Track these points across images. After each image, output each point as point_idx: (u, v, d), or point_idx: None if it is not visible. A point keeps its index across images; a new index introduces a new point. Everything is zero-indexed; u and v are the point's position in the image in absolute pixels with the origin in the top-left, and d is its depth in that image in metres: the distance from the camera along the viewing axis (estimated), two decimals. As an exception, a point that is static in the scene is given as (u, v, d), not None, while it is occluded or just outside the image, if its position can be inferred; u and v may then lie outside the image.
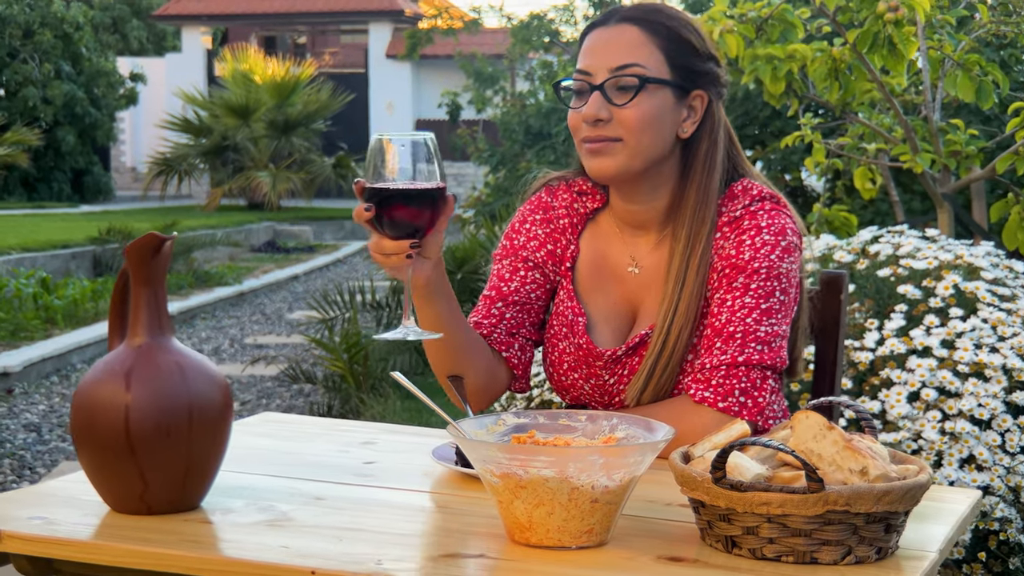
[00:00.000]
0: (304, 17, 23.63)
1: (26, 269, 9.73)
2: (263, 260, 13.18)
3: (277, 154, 18.13)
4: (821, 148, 4.70)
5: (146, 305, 1.59)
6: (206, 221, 14.69)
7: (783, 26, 4.30)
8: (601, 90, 1.90)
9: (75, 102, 20.65)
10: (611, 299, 2.01)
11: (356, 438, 1.99)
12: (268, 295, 10.81)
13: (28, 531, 1.49)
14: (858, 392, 3.30)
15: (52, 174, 20.77)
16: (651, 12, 1.94)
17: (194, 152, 18.39)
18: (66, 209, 17.53)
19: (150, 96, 23.27)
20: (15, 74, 20.13)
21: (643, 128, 1.89)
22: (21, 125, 18.74)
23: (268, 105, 18.07)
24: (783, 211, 1.95)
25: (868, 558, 1.41)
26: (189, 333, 8.78)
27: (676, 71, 1.92)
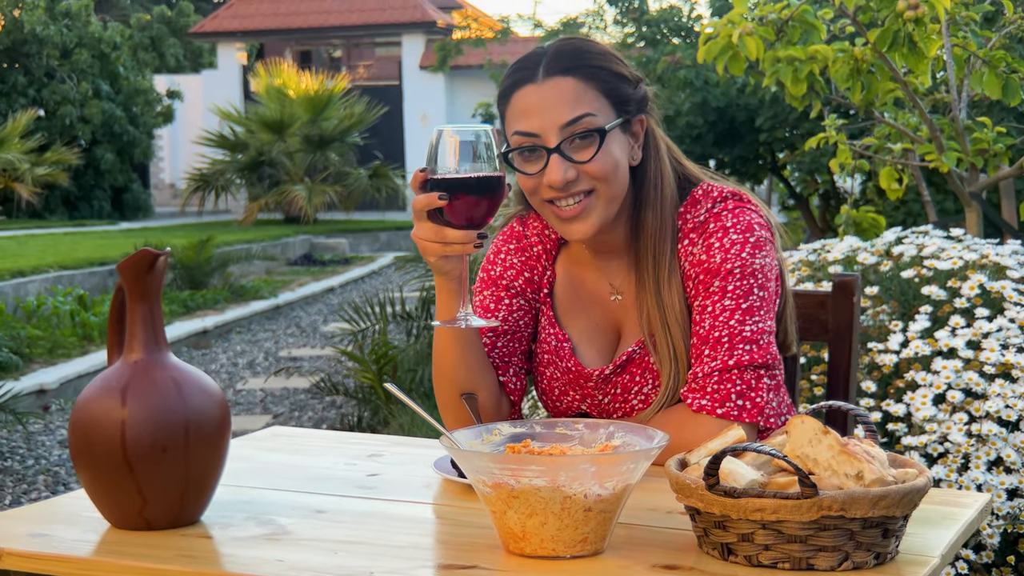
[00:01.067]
0: (338, 31, 23.75)
1: (64, 287, 9.82)
2: (299, 273, 13.24)
3: (312, 168, 18.22)
4: (845, 149, 4.66)
5: (142, 321, 1.59)
6: (243, 236, 14.78)
7: (803, 27, 4.27)
8: (559, 152, 1.86)
9: (113, 120, 20.85)
10: (593, 320, 2.01)
11: (363, 451, 1.99)
12: (304, 308, 10.85)
13: (27, 548, 1.49)
14: (883, 395, 3.27)
15: (92, 192, 20.98)
16: (578, 57, 1.89)
17: (231, 168, 18.51)
18: (105, 227, 17.69)
19: (187, 113, 23.45)
20: (53, 94, 20.36)
21: (610, 175, 1.88)
22: (60, 144, 18.95)
23: (303, 119, 18.16)
24: (747, 207, 1.94)
25: (866, 564, 1.39)
26: (225, 347, 8.83)
27: (618, 108, 1.90)
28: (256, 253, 12.83)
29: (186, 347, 8.76)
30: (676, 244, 1.94)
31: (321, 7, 23.85)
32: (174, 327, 9.09)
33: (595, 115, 1.87)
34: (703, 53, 4.22)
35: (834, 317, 2.28)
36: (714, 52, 4.21)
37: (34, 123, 18.83)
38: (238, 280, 11.67)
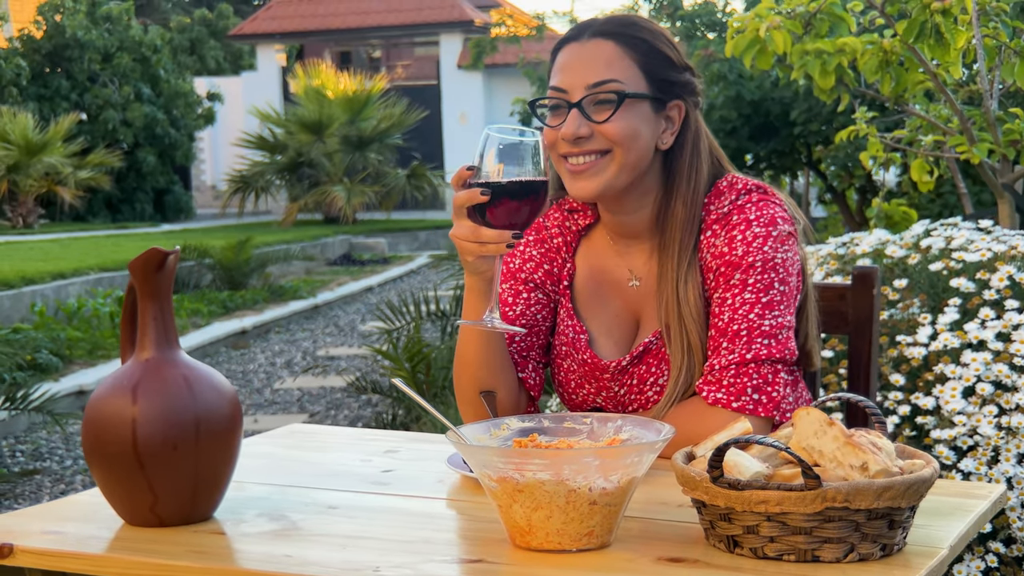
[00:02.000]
0: (376, 31, 23.82)
1: (104, 288, 9.91)
2: (338, 273, 13.31)
3: (351, 168, 18.29)
4: (876, 142, 4.63)
5: (153, 319, 1.61)
6: (282, 236, 14.87)
7: (832, 20, 4.25)
8: (579, 107, 1.89)
9: (155, 123, 21.02)
10: (612, 311, 2.01)
11: (380, 447, 2.00)
12: (342, 307, 10.90)
13: (39, 545, 1.51)
14: (912, 388, 3.25)
15: (134, 195, 21.17)
16: (626, 26, 1.93)
17: (270, 169, 18.62)
18: (147, 229, 17.85)
19: (228, 115, 23.61)
20: (96, 98, 20.55)
21: (628, 141, 1.89)
22: (103, 148, 19.13)
23: (341, 120, 18.24)
24: (771, 201, 1.94)
25: (872, 555, 1.39)
26: (263, 347, 8.88)
27: (653, 84, 1.91)
28: (295, 253, 12.90)
29: (224, 347, 8.82)
30: (699, 236, 1.93)
31: (359, 8, 23.94)
32: (212, 327, 9.16)
33: (623, 83, 1.89)
34: (731, 47, 4.21)
35: (854, 309, 2.27)
36: (742, 46, 4.20)
37: (76, 127, 19.02)
38: (277, 280, 11.74)
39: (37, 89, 20.29)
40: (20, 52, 20.29)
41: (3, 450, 5.87)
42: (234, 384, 7.54)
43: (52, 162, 17.48)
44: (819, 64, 4.19)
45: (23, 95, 19.67)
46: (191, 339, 8.65)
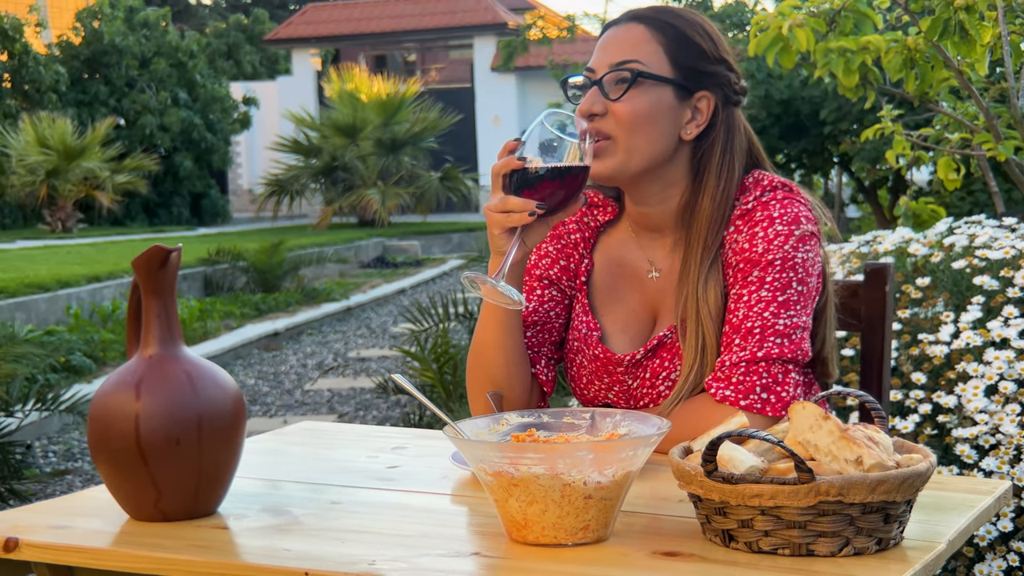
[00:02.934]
0: (411, 35, 23.90)
1: (139, 292, 9.96)
2: (371, 275, 13.36)
3: (385, 171, 18.36)
4: (901, 139, 4.60)
5: (156, 316, 1.63)
6: (316, 239, 14.94)
7: (856, 17, 4.23)
8: (599, 85, 1.90)
9: (191, 128, 21.18)
10: (629, 306, 2.00)
11: (388, 444, 2.01)
12: (374, 309, 10.94)
13: (44, 539, 1.53)
14: (933, 387, 3.23)
15: (171, 199, 21.34)
16: (661, 12, 1.94)
17: (305, 172, 18.72)
18: (184, 232, 17.99)
19: (264, 119, 23.75)
20: (133, 103, 20.73)
21: (635, 124, 1.88)
22: (140, 152, 19.30)
23: (375, 123, 18.31)
24: (796, 199, 1.92)
25: (867, 549, 1.38)
26: (295, 349, 8.93)
27: (678, 70, 1.90)
28: (328, 256, 12.97)
29: (257, 349, 8.88)
30: (724, 232, 1.93)
31: (394, 11, 24.02)
32: (245, 329, 9.22)
33: (644, 64, 1.89)
34: (754, 46, 4.19)
35: (867, 306, 2.26)
36: (764, 44, 4.18)
37: (114, 132, 19.19)
38: (311, 283, 11.80)
39: (76, 95, 20.50)
40: (59, 58, 20.50)
41: (36, 451, 5.94)
42: (265, 385, 7.60)
43: (90, 167, 17.65)
44: (843, 62, 4.17)
45: (62, 101, 19.87)
46: (223, 341, 8.71)
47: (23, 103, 19.29)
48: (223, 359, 8.36)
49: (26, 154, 17.27)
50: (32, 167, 17.25)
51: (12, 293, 8.81)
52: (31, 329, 6.95)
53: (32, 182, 17.33)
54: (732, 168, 1.93)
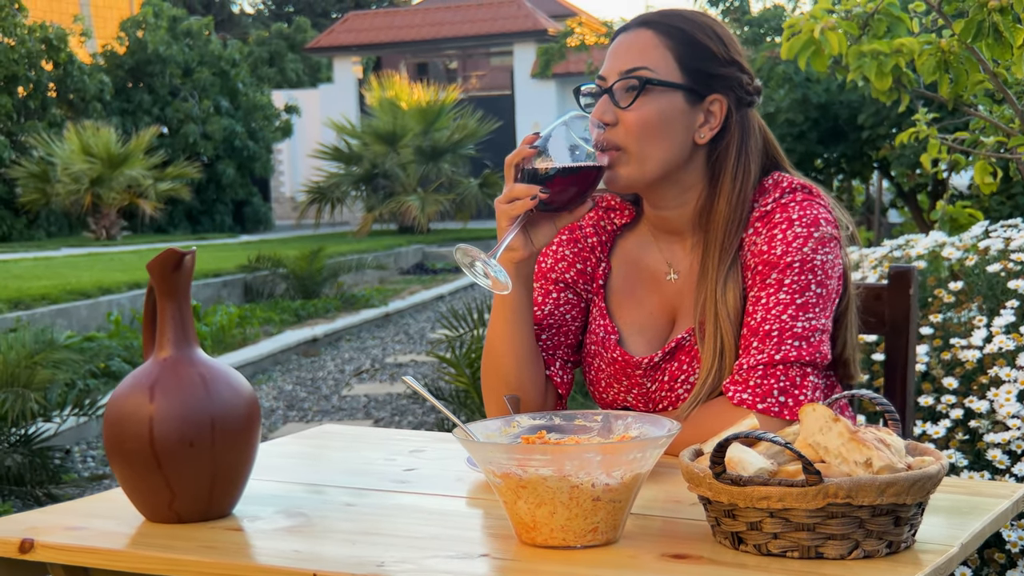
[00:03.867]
0: (452, 42, 23.97)
1: (179, 298, 10.05)
2: (411, 282, 13.40)
3: (425, 178, 18.42)
4: (936, 143, 4.56)
5: (171, 319, 1.64)
6: (357, 246, 15.00)
7: (889, 20, 4.20)
8: (610, 93, 1.89)
9: (234, 136, 21.34)
10: (647, 309, 2.00)
11: (406, 447, 2.01)
12: (413, 316, 10.97)
13: (59, 540, 1.54)
14: (965, 392, 3.20)
15: (214, 207, 21.50)
16: (669, 16, 1.92)
17: (346, 180, 18.81)
18: (226, 240, 18.11)
19: (306, 127, 23.89)
20: (176, 112, 20.91)
21: (646, 132, 1.87)
22: (183, 160, 19.46)
23: (415, 131, 18.38)
24: (816, 201, 1.91)
25: (878, 552, 1.37)
26: (333, 355, 8.97)
27: (688, 75, 1.89)
28: (368, 263, 13.01)
29: (295, 355, 8.92)
30: (742, 234, 1.92)
31: (434, 19, 24.10)
32: (284, 336, 9.27)
33: (652, 70, 1.88)
34: (786, 49, 4.17)
35: (891, 309, 2.24)
36: (796, 48, 4.16)
37: (157, 140, 19.36)
38: (350, 289, 11.85)
39: (120, 104, 20.70)
40: (103, 68, 20.71)
41: (75, 455, 5.99)
42: (302, 391, 7.63)
43: (134, 175, 17.80)
44: (875, 65, 4.14)
45: (106, 110, 20.08)
46: (262, 347, 8.76)
47: (68, 112, 19.50)
48: (262, 365, 8.40)
49: (71, 163, 17.45)
50: (77, 175, 17.43)
51: (54, 300, 8.91)
52: (70, 335, 7.02)
53: (77, 190, 17.52)
54: (748, 169, 1.92)
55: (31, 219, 18.61)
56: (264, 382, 7.99)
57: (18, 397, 5.04)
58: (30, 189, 17.73)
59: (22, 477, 5.23)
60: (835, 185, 8.90)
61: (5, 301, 8.56)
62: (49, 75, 19.12)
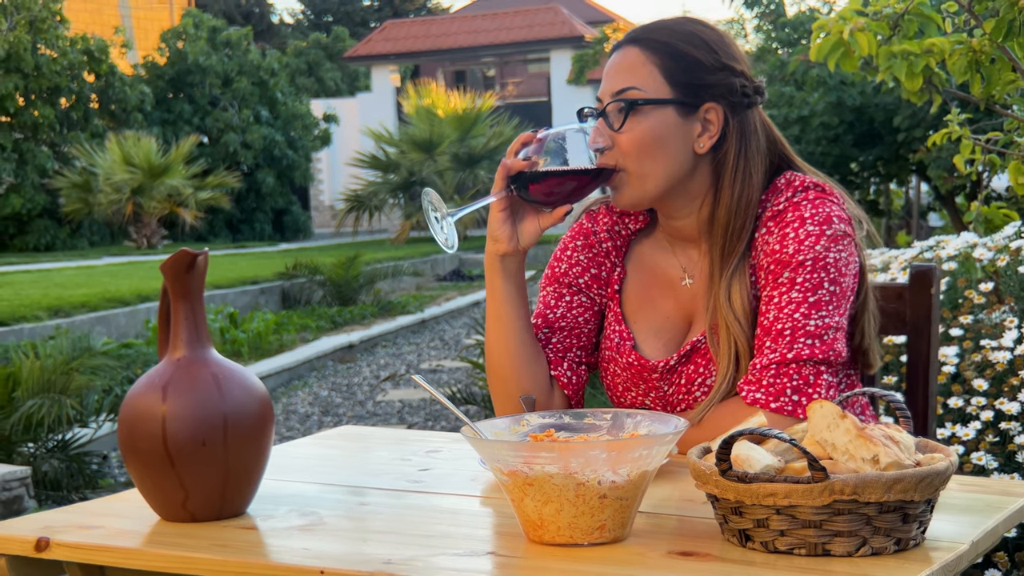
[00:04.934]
0: (489, 49, 24.03)
1: (216, 305, 10.14)
2: (447, 288, 13.43)
3: (462, 185, 18.48)
4: (969, 144, 4.52)
5: (184, 319, 1.65)
6: (394, 253, 15.05)
7: (920, 20, 4.17)
8: (604, 116, 1.89)
9: (273, 145, 21.48)
10: (663, 312, 1.99)
11: (423, 447, 2.02)
12: (449, 322, 11.00)
13: (73, 539, 1.56)
14: (996, 394, 3.17)
15: (254, 215, 21.64)
16: (654, 30, 1.91)
17: (384, 188, 18.90)
18: (265, 248, 18.23)
19: (344, 135, 24.02)
20: (216, 121, 21.07)
21: (642, 152, 1.87)
22: (223, 169, 19.61)
23: (451, 138, 18.44)
24: (828, 199, 1.89)
25: (886, 549, 1.36)
26: (369, 360, 9.00)
27: (677, 88, 1.88)
28: (404, 269, 13.06)
29: (331, 361, 8.96)
30: (753, 234, 1.91)
31: (471, 27, 24.17)
32: (320, 342, 9.31)
33: (640, 89, 1.88)
34: (815, 51, 4.15)
35: (912, 309, 2.22)
36: (825, 49, 4.14)
37: (198, 150, 19.52)
38: (387, 296, 11.90)
39: (160, 114, 20.89)
40: (144, 78, 20.91)
41: (112, 461, 6.04)
42: (337, 396, 7.66)
43: (174, 184, 17.97)
44: (905, 66, 4.11)
45: (147, 120, 20.26)
46: (298, 353, 8.81)
47: (109, 123, 19.70)
48: (298, 371, 8.45)
49: (112, 172, 17.63)
50: (118, 185, 17.60)
51: (94, 307, 8.99)
52: (107, 342, 7.08)
53: (118, 200, 17.69)
54: (749, 174, 1.91)
55: (74, 228, 18.82)
56: (300, 388, 8.03)
57: (54, 403, 5.09)
58: (73, 199, 17.93)
59: (59, 482, 5.28)
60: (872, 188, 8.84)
61: (45, 309, 8.65)
62: (91, 86, 19.32)
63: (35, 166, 18.14)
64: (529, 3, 25.68)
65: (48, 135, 18.65)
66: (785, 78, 7.86)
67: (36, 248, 18.00)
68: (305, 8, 39.27)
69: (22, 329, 8.12)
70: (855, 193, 8.63)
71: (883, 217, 10.04)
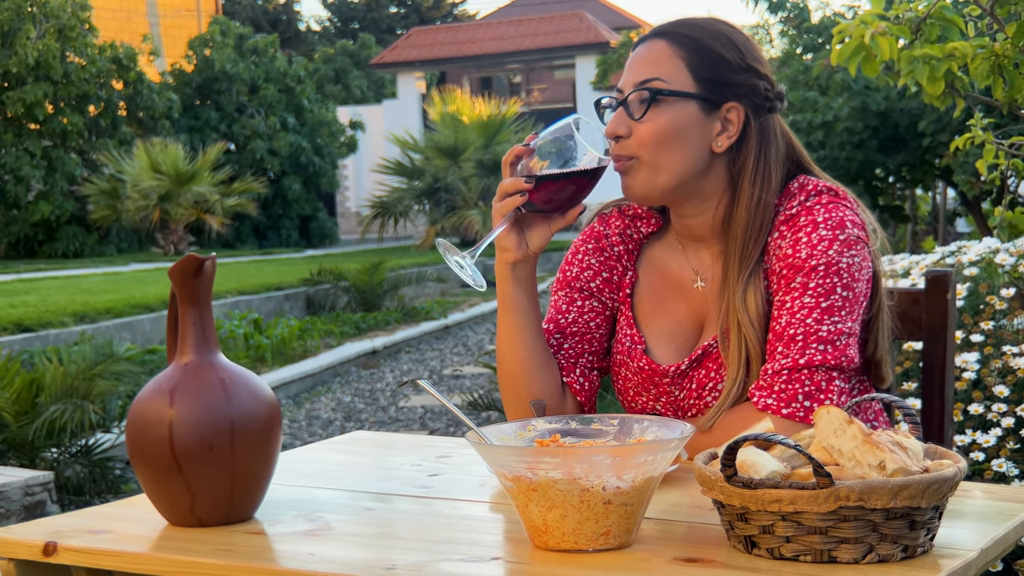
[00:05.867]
0: (513, 56, 24.05)
1: (241, 311, 10.18)
2: (471, 294, 13.44)
3: (487, 192, 18.49)
4: (992, 149, 4.49)
5: (192, 324, 1.65)
6: (418, 259, 15.08)
7: (942, 24, 4.14)
8: (624, 105, 1.88)
9: (299, 152, 21.55)
10: (675, 317, 1.98)
11: (434, 453, 2.01)
12: (472, 328, 11.01)
13: (81, 544, 1.56)
14: (1017, 400, 3.14)
15: (280, 222, 21.71)
16: (682, 25, 1.91)
17: (409, 194, 18.94)
18: (291, 254, 18.29)
19: (370, 142, 24.08)
20: (243, 128, 21.16)
21: (658, 143, 1.86)
22: (249, 176, 19.69)
23: (476, 145, 18.47)
24: (842, 203, 1.88)
25: (892, 556, 1.35)
26: (392, 366, 9.01)
27: (702, 84, 1.87)
28: (429, 275, 13.08)
29: (355, 367, 8.97)
30: (767, 240, 1.90)
31: (496, 33, 24.20)
32: (344, 348, 9.33)
33: (665, 81, 1.87)
34: (836, 55, 4.13)
35: (928, 314, 2.20)
36: (846, 54, 4.11)
37: (225, 157, 19.61)
38: (411, 302, 11.92)
39: (188, 121, 20.99)
40: (172, 86, 21.02)
41: (135, 467, 6.05)
42: (360, 402, 7.68)
43: (201, 191, 18.05)
44: (927, 70, 4.09)
45: (175, 127, 20.37)
46: (322, 359, 8.83)
47: (137, 130, 19.82)
48: (321, 377, 8.47)
49: (140, 179, 17.73)
50: (145, 192, 17.70)
51: (118, 313, 9.04)
52: (130, 347, 7.12)
53: (145, 206, 17.79)
54: (768, 177, 1.90)
55: (102, 235, 18.93)
56: (323, 393, 8.05)
57: (76, 408, 5.12)
58: (101, 206, 18.05)
59: (81, 487, 5.30)
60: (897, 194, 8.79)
61: (71, 315, 8.71)
62: (119, 94, 19.45)
63: (64, 173, 18.27)
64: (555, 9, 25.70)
65: (77, 142, 18.78)
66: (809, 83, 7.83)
67: (65, 255, 18.12)
68: (332, 15, 39.42)
69: (48, 335, 8.17)
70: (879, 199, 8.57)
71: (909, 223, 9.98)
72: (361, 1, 39.16)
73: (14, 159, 17.87)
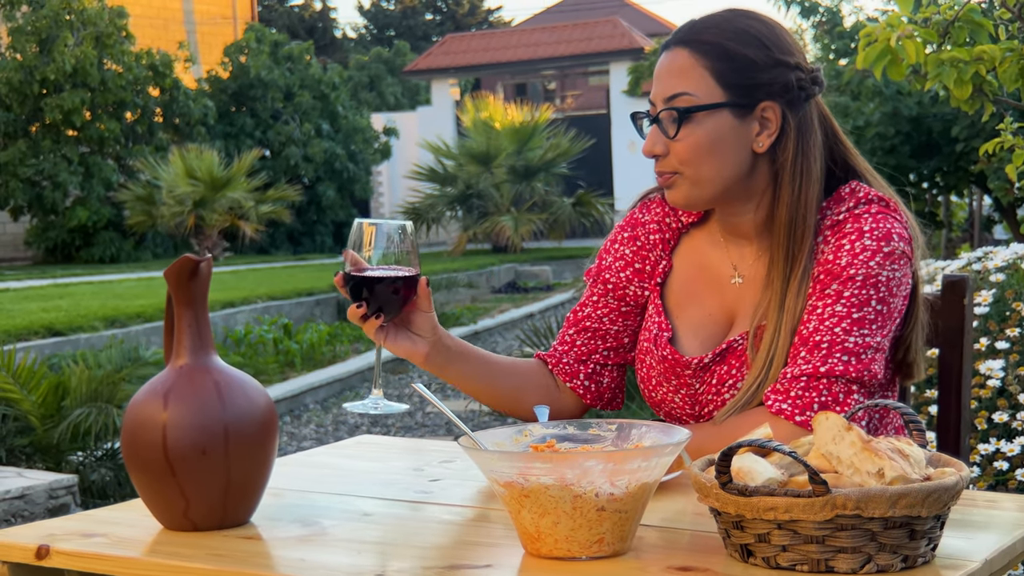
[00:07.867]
0: (548, 62, 24.03)
1: (271, 316, 10.20)
2: (501, 300, 13.42)
3: (519, 198, 18.49)
4: (1022, 153, 4.42)
5: (188, 327, 1.64)
6: (450, 265, 15.08)
7: (970, 27, 4.09)
8: (657, 122, 1.84)
9: (334, 158, 21.61)
10: (706, 309, 1.94)
11: (436, 458, 1.99)
12: (502, 333, 10.99)
13: (74, 547, 1.55)
14: (1041, 407, 3.09)
15: (314, 228, 21.77)
16: (702, 30, 1.85)
17: (441, 200, 18.96)
18: (324, 260, 18.33)
19: (404, 149, 24.11)
20: (278, 135, 21.24)
21: (699, 157, 1.82)
22: (284, 183, 19.76)
23: (508, 151, 18.46)
24: (891, 215, 1.83)
25: (892, 567, 1.31)
26: (420, 372, 9.00)
27: (731, 91, 1.82)
28: (460, 281, 13.08)
29: (384, 372, 8.97)
30: (812, 242, 1.85)
31: (531, 40, 24.19)
32: (373, 353, 9.31)
33: (692, 94, 1.82)
34: (862, 59, 4.08)
35: (945, 320, 2.16)
36: (872, 57, 4.06)
37: (260, 163, 19.68)
38: (441, 308, 11.90)
39: (223, 127, 21.09)
40: (207, 92, 21.13)
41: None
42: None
43: (236, 197, 18.12)
44: (955, 73, 4.03)
45: (210, 133, 20.47)
46: (350, 364, 8.83)
47: (173, 136, 19.93)
48: (349, 382, 8.46)
49: (175, 185, 17.83)
50: (181, 198, 17.80)
51: (148, 318, 9.08)
52: (157, 351, 7.14)
53: (180, 212, 17.88)
54: (808, 170, 1.84)
55: (138, 241, 19.05)
56: (351, 399, 8.05)
57: (101, 412, 5.13)
58: (137, 211, 18.16)
59: (106, 491, 5.32)
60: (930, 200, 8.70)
61: (102, 319, 8.75)
62: (155, 100, 19.56)
63: (101, 179, 18.40)
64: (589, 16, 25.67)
65: (113, 149, 18.91)
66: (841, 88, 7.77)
67: (101, 260, 18.24)
68: (368, 23, 39.56)
69: (78, 339, 8.21)
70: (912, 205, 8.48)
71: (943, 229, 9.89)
72: (397, 8, 39.29)
73: (52, 165, 18.01)
